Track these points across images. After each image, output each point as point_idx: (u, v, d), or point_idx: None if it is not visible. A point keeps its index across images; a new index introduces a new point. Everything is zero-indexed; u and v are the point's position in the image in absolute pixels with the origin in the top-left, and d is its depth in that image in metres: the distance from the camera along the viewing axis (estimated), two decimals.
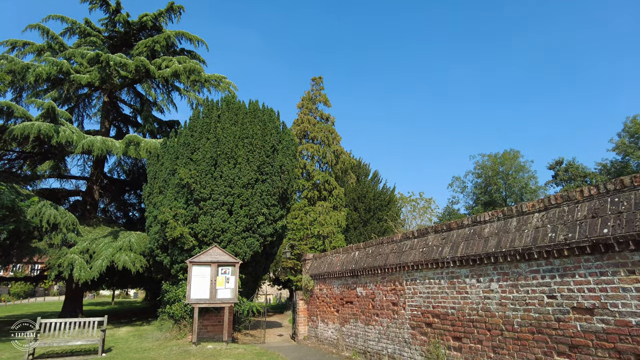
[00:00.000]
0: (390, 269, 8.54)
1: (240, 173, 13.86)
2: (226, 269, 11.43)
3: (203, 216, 13.34)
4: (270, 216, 14.37)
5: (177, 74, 21.65)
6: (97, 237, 18.24)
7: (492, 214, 6.44)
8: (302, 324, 13.07)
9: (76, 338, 10.19)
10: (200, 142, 14.24)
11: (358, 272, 9.91)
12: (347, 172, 33.60)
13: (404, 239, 8.59)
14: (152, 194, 15.14)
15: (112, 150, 18.18)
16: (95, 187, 22.90)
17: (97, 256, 16.81)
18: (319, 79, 34.06)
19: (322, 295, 12.04)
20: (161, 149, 15.78)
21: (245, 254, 13.58)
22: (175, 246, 13.33)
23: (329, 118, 33.10)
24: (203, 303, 10.88)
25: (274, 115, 15.87)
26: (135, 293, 53.87)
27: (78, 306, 21.35)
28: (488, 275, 6.18)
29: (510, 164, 47.03)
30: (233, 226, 13.48)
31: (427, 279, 7.46)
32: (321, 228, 27.88)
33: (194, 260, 11.17)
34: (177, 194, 13.78)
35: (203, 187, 13.46)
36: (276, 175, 14.68)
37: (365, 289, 9.61)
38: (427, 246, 7.65)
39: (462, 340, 6.53)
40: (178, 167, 13.93)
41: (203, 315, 12.15)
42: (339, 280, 11.04)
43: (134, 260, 16.28)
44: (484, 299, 6.20)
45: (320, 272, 12.15)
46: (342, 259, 11.17)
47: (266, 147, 14.60)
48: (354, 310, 10.10)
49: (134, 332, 15.15)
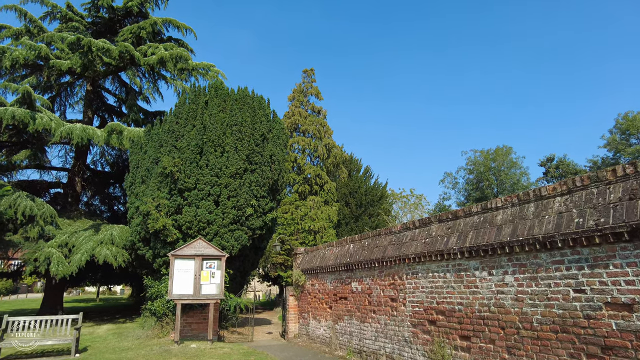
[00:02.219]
0: (389, 262, 7.88)
1: (227, 162, 13.08)
2: (211, 262, 10.64)
3: (187, 207, 12.55)
4: (260, 208, 13.62)
5: (164, 61, 20.74)
6: (77, 231, 17.32)
7: (505, 200, 5.80)
8: (293, 322, 12.37)
9: (48, 337, 9.37)
10: (186, 129, 13.42)
11: (353, 266, 9.24)
12: (339, 167, 32.93)
13: (404, 229, 7.93)
14: (135, 184, 14.29)
15: (94, 139, 17.24)
16: (77, 178, 21.92)
17: (76, 250, 15.90)
18: (311, 71, 33.22)
19: (314, 291, 11.36)
20: (144, 136, 14.91)
21: (233, 247, 12.83)
22: (157, 239, 12.53)
23: (320, 111, 32.35)
24: (186, 299, 10.10)
25: (264, 103, 15.10)
26: (122, 289, 52.63)
27: (58, 303, 20.42)
28: (502, 267, 5.53)
29: (502, 160, 46.75)
30: (220, 218, 12.71)
31: (431, 273, 6.80)
32: (312, 223, 27.20)
33: (177, 253, 10.37)
34: (161, 183, 12.96)
35: (187, 177, 12.66)
36: (266, 165, 13.93)
37: (361, 284, 8.94)
38: (430, 237, 6.99)
39: (471, 339, 5.89)
40: (161, 155, 13.11)
41: (186, 312, 11.38)
42: (333, 275, 10.36)
43: (116, 255, 15.42)
44: (497, 294, 5.56)
45: (312, 267, 11.46)
46: (335, 252, 10.49)
47: (256, 135, 13.84)
48: (348, 307, 9.43)
49: (115, 330, 14.32)
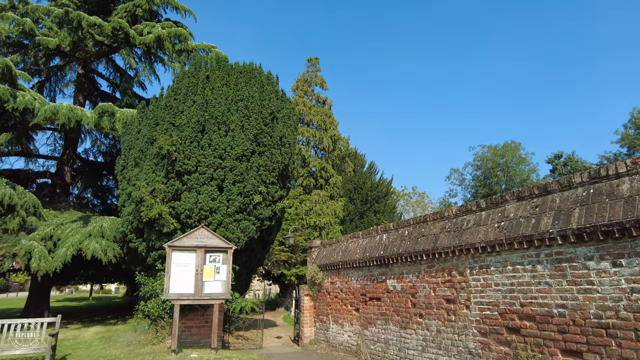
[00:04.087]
0: (443, 253, 6.25)
1: (232, 142, 11.42)
2: (216, 256, 8.96)
3: (187, 193, 10.87)
4: (269, 196, 11.97)
5: (161, 40, 19.08)
6: (63, 223, 15.61)
7: (633, 162, 4.18)
8: (308, 325, 10.72)
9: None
10: (185, 104, 11.73)
11: (389, 260, 7.60)
12: (345, 160, 31.34)
13: (463, 212, 6.29)
14: (127, 167, 12.60)
15: (83, 121, 15.52)
16: (67, 168, 20.23)
17: (61, 244, 14.20)
18: (315, 60, 31.52)
19: (335, 289, 9.71)
20: (138, 114, 13.20)
21: (239, 240, 11.17)
22: (152, 229, 10.85)
23: (325, 101, 30.72)
24: (186, 299, 8.43)
25: (272, 79, 13.44)
26: (117, 288, 50.86)
27: (44, 303, 18.72)
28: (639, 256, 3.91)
29: (510, 156, 45.18)
30: (224, 206, 11.04)
31: (510, 265, 5.17)
32: (317, 218, 25.57)
33: (175, 244, 8.68)
34: (156, 166, 11.28)
35: (187, 158, 10.97)
36: (276, 147, 12.28)
37: (401, 282, 7.30)
38: (506, 219, 5.36)
39: (584, 355, 4.27)
40: (157, 134, 11.43)
41: (186, 314, 9.71)
42: (360, 271, 8.72)
43: (106, 249, 13.72)
44: (631, 293, 3.94)
45: (332, 262, 9.82)
46: (363, 244, 8.84)
47: (264, 113, 12.17)
48: (382, 309, 7.79)
49: (104, 334, 12.63)
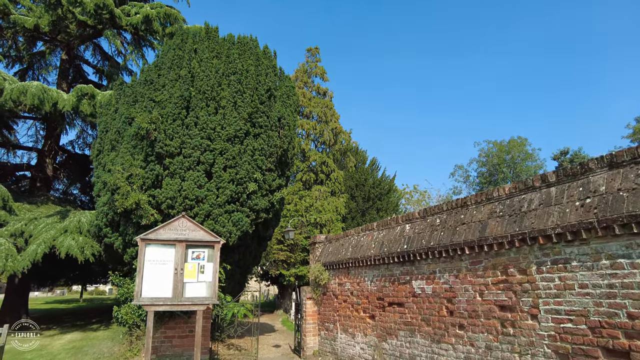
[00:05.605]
0: (495, 245, 4.71)
1: (223, 121, 9.85)
2: (200, 252, 7.38)
3: (169, 179, 9.30)
4: (265, 184, 10.41)
5: (149, 20, 17.56)
6: (38, 217, 14.06)
7: None
8: (312, 334, 9.16)
9: None
10: (168, 78, 10.16)
11: (414, 256, 6.05)
12: (346, 154, 29.81)
13: (521, 190, 4.74)
14: (103, 152, 11.02)
15: (59, 104, 13.93)
16: (48, 160, 18.67)
17: (33, 240, 12.67)
18: (315, 50, 30.00)
19: (344, 292, 8.17)
20: (116, 91, 11.61)
21: (230, 234, 9.61)
22: (129, 222, 9.28)
23: (326, 93, 29.21)
24: (162, 304, 6.85)
25: (270, 54, 11.90)
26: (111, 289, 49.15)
27: (22, 306, 17.17)
28: None
29: (517, 152, 43.72)
30: (213, 195, 9.48)
31: (607, 259, 3.63)
32: (318, 215, 24.01)
33: (149, 237, 7.09)
34: (134, 149, 9.71)
35: (169, 138, 9.39)
36: (273, 129, 10.72)
37: (432, 283, 5.75)
38: (593, 194, 3.81)
39: None
40: (136, 112, 9.87)
41: (166, 321, 8.15)
42: (375, 270, 7.17)
43: (83, 246, 12.16)
44: None
45: (340, 259, 8.28)
46: (379, 237, 7.29)
47: (260, 89, 10.61)
48: (406, 317, 6.24)
49: (77, 343, 11.06)
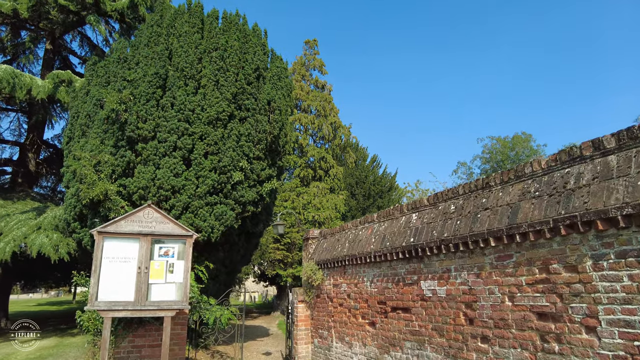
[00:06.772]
0: (531, 234, 3.62)
1: (204, 102, 8.76)
2: (169, 247, 6.27)
3: (142, 166, 8.21)
4: (253, 174, 9.33)
5: (135, 5, 16.53)
6: (11, 213, 13.03)
7: None
8: (303, 341, 8.07)
9: None
10: (142, 55, 9.08)
11: (423, 251, 4.97)
12: (346, 150, 28.74)
13: (563, 163, 3.64)
14: (73, 139, 9.95)
15: (32, 90, 12.88)
16: (30, 155, 17.70)
17: (2, 238, 11.65)
18: (314, 42, 29.07)
19: (340, 294, 7.08)
20: (87, 72, 10.52)
21: (213, 229, 8.53)
22: (96, 215, 8.20)
23: (325, 86, 28.22)
24: (121, 309, 5.73)
25: (259, 32, 10.82)
26: None
27: (1, 309, 16.22)
28: None
29: (521, 148, 42.57)
30: (192, 185, 8.39)
31: None
32: (317, 213, 22.99)
33: (107, 229, 5.96)
34: (105, 133, 8.64)
35: (142, 120, 8.29)
36: (262, 113, 9.63)
37: (447, 283, 4.66)
38: None
39: None
40: (107, 93, 8.78)
41: (134, 329, 7.06)
42: (376, 269, 6.08)
43: (58, 244, 11.11)
44: None
45: (336, 257, 7.19)
46: (380, 230, 6.20)
47: (247, 68, 9.52)
48: (414, 326, 5.15)
49: (45, 351, 9.96)
